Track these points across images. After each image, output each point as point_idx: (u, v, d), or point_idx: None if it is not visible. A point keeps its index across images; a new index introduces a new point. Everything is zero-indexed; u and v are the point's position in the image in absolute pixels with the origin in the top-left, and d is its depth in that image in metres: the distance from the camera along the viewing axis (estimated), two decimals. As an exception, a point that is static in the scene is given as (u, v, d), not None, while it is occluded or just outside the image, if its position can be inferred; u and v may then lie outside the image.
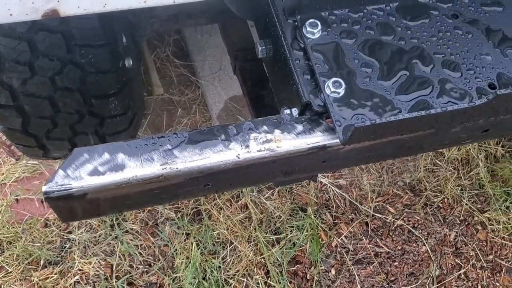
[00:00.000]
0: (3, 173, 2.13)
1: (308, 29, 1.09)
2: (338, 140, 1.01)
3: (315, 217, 2.07)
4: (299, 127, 1.04)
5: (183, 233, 2.02)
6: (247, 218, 2.07)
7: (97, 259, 1.96)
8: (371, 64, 1.08)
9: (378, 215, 2.14)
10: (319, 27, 1.10)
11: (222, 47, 2.47)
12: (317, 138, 1.03)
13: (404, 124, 0.96)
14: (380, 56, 1.09)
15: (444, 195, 2.20)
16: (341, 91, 1.02)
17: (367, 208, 2.15)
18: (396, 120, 0.93)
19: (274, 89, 1.33)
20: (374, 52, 1.09)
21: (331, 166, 1.22)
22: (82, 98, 1.36)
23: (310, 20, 1.10)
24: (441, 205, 2.19)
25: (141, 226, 2.04)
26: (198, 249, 1.97)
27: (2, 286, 1.90)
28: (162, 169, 0.97)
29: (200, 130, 1.04)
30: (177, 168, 0.98)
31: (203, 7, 1.58)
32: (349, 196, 2.16)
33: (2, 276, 1.92)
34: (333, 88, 1.02)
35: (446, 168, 2.25)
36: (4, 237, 1.97)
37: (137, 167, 0.97)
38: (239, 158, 1.00)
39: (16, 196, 2.07)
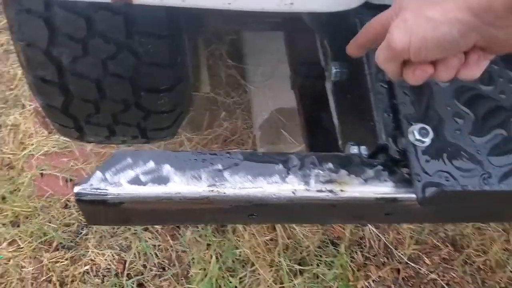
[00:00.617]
0: (33, 144, 2.06)
1: (399, 62, 0.96)
2: (412, 195, 0.88)
3: (346, 255, 1.93)
4: (370, 172, 0.91)
5: (204, 243, 1.90)
6: (273, 240, 1.94)
7: (111, 252, 1.87)
8: (464, 115, 0.93)
9: (412, 264, 1.99)
10: (411, 62, 0.96)
11: (278, 55, 2.35)
12: (388, 189, 0.90)
13: (497, 195, 0.82)
14: (475, 107, 0.95)
15: (487, 256, 2.03)
16: (427, 140, 0.89)
17: (402, 254, 1.99)
18: (491, 191, 0.79)
19: (341, 118, 1.20)
20: (469, 102, 0.95)
21: (393, 220, 1.09)
22: (131, 88, 1.26)
23: (402, 53, 0.96)
24: (482, 266, 2.02)
25: (162, 227, 1.94)
26: (216, 263, 1.86)
27: (12, 260, 1.82)
28: (209, 190, 0.86)
29: (257, 153, 0.92)
30: (224, 193, 0.86)
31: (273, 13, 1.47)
32: (385, 238, 2.01)
33: (13, 250, 1.84)
34: (419, 136, 0.88)
35: (494, 228, 2.08)
36: (22, 210, 1.89)
37: (182, 184, 0.85)
38: (294, 194, 0.88)
39: (42, 170, 2.00)
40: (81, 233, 1.89)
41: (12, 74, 2.24)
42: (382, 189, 0.90)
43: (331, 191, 0.89)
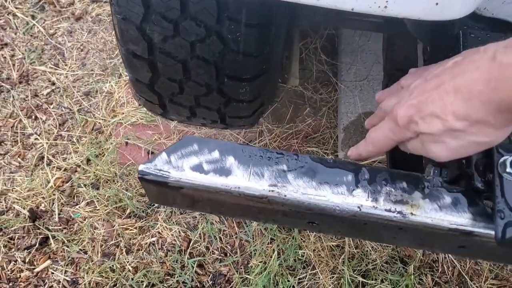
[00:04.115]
0: (123, 113, 2.15)
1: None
2: (491, 232, 0.79)
3: (414, 275, 1.82)
4: (447, 199, 0.83)
5: (268, 236, 1.89)
6: (339, 247, 1.88)
7: (178, 229, 1.91)
8: None
9: (486, 300, 1.83)
10: None
11: (376, 56, 2.25)
12: (465, 221, 0.81)
13: None
14: None
15: None
16: (518, 175, 0.79)
17: (476, 286, 1.84)
18: None
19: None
20: None
21: (467, 254, 0.99)
22: (215, 73, 1.26)
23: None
24: None
25: (230, 213, 1.95)
26: (278, 259, 1.83)
27: (87, 220, 1.93)
28: (269, 190, 0.83)
29: (327, 160, 0.87)
30: (285, 196, 0.83)
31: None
32: (460, 266, 1.87)
33: (90, 211, 1.94)
34: (510, 169, 0.79)
35: None
36: (103, 174, 1.99)
37: (243, 178, 0.83)
38: (360, 209, 0.82)
39: (127, 139, 2.08)
40: (153, 205, 1.95)
41: (114, 44, 2.35)
42: (458, 219, 0.82)
43: (400, 212, 0.82)
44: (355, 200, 0.83)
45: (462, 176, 0.86)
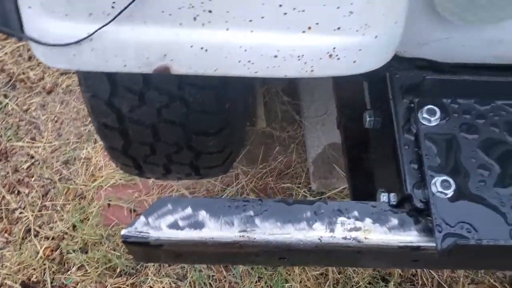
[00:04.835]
0: (102, 176, 2.24)
1: (425, 115, 1.00)
2: (434, 244, 0.91)
3: (395, 292, 1.92)
4: (394, 221, 0.95)
5: (255, 275, 1.98)
6: (323, 275, 1.97)
7: (168, 280, 1.99)
8: (490, 167, 0.96)
9: (467, 305, 1.94)
10: (438, 115, 1.00)
11: (331, 92, 2.42)
12: (411, 238, 0.94)
13: (515, 249, 0.83)
14: (501, 159, 0.97)
15: (550, 300, 1.94)
16: (449, 192, 0.92)
17: (456, 294, 1.95)
18: (507, 245, 0.81)
19: (375, 163, 1.25)
20: (496, 153, 0.97)
21: (422, 266, 1.11)
22: (183, 133, 1.38)
23: (429, 106, 1.00)
24: (543, 311, 1.93)
25: (216, 257, 2.03)
26: (267, 295, 1.92)
27: (80, 284, 1.99)
28: (240, 236, 0.94)
29: (287, 200, 0.99)
30: (254, 238, 0.94)
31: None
32: (438, 276, 1.98)
33: (81, 275, 2.01)
34: (441, 188, 0.92)
35: (557, 271, 1.98)
36: (90, 238, 2.07)
37: (215, 229, 0.94)
38: (320, 241, 0.94)
39: (109, 201, 2.17)
40: (142, 261, 2.03)
41: (86, 112, 2.46)
42: (406, 237, 0.94)
43: (355, 238, 0.94)
44: (315, 233, 0.94)
45: (405, 199, 0.99)
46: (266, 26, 0.78)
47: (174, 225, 0.93)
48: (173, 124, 1.37)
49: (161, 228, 0.93)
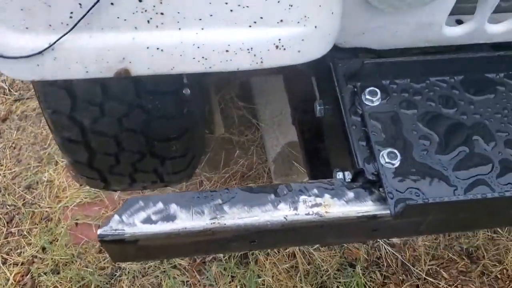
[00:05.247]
0: (67, 197, 2.25)
1: (367, 96, 1.10)
2: (388, 211, 1.00)
3: (363, 275, 2.02)
4: (350, 194, 1.04)
5: (228, 275, 2.03)
6: (293, 267, 2.05)
7: (143, 291, 2.01)
8: (430, 137, 1.06)
9: (431, 279, 2.06)
10: (379, 95, 1.10)
11: (283, 94, 2.51)
12: (368, 207, 1.02)
13: (458, 205, 0.93)
14: (439, 129, 1.07)
15: (504, 265, 2.08)
16: (396, 162, 1.01)
17: (420, 270, 2.07)
18: (451, 201, 0.91)
19: (329, 148, 1.34)
20: (434, 125, 1.08)
21: (382, 235, 1.20)
22: (145, 140, 1.43)
23: (370, 88, 1.10)
24: (499, 276, 2.07)
25: (189, 263, 2.08)
26: (242, 293, 1.97)
27: (53, 306, 1.99)
28: (211, 223, 1.00)
29: (252, 187, 1.06)
30: (225, 224, 1.00)
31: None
32: (401, 256, 2.10)
33: (55, 297, 2.00)
34: (388, 159, 1.02)
35: (507, 238, 2.13)
36: (61, 258, 2.07)
37: (187, 219, 1.00)
38: (286, 219, 1.01)
39: (76, 220, 2.18)
40: (115, 275, 2.04)
41: (44, 135, 2.47)
42: (362, 208, 1.02)
43: (317, 213, 1.02)
44: (280, 213, 1.01)
45: (358, 174, 1.07)
46: (215, 23, 0.85)
47: (147, 220, 0.98)
48: (135, 132, 1.42)
49: (135, 224, 0.97)
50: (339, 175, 1.11)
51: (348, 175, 1.11)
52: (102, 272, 2.05)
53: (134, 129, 1.40)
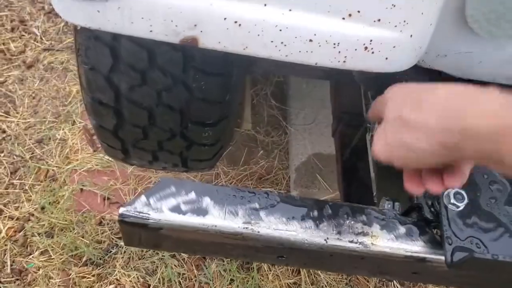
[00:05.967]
0: (78, 160, 2.15)
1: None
2: (441, 257, 0.89)
3: (368, 308, 1.90)
4: (402, 229, 0.93)
5: (227, 278, 1.92)
6: (296, 284, 1.94)
7: (136, 274, 1.90)
8: (501, 185, 0.95)
9: (435, 327, 1.94)
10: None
11: (321, 101, 2.40)
12: (418, 248, 0.91)
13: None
14: (513, 178, 0.96)
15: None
16: (462, 205, 0.90)
17: (425, 315, 1.95)
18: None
19: (378, 172, 1.22)
20: (508, 172, 0.96)
21: (420, 279, 1.09)
22: (180, 120, 1.32)
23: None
24: None
25: (189, 255, 1.97)
26: (237, 299, 1.87)
27: (41, 270, 1.88)
28: (243, 227, 0.89)
29: (294, 197, 0.95)
30: (258, 232, 0.89)
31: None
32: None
33: (44, 260, 1.90)
34: (454, 200, 0.90)
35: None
36: (58, 222, 1.97)
37: (219, 217, 0.89)
38: (326, 242, 0.90)
39: (82, 185, 2.07)
40: (111, 251, 1.94)
41: (67, 91, 2.37)
42: (412, 247, 0.91)
43: (362, 243, 0.91)
44: (322, 234, 0.90)
45: (412, 209, 0.96)
46: (306, 7, 0.74)
47: (176, 209, 0.88)
48: (172, 109, 1.31)
49: (162, 210, 0.87)
50: (388, 205, 1.00)
51: (398, 206, 1.00)
52: (97, 246, 1.94)
53: (172, 106, 1.29)
